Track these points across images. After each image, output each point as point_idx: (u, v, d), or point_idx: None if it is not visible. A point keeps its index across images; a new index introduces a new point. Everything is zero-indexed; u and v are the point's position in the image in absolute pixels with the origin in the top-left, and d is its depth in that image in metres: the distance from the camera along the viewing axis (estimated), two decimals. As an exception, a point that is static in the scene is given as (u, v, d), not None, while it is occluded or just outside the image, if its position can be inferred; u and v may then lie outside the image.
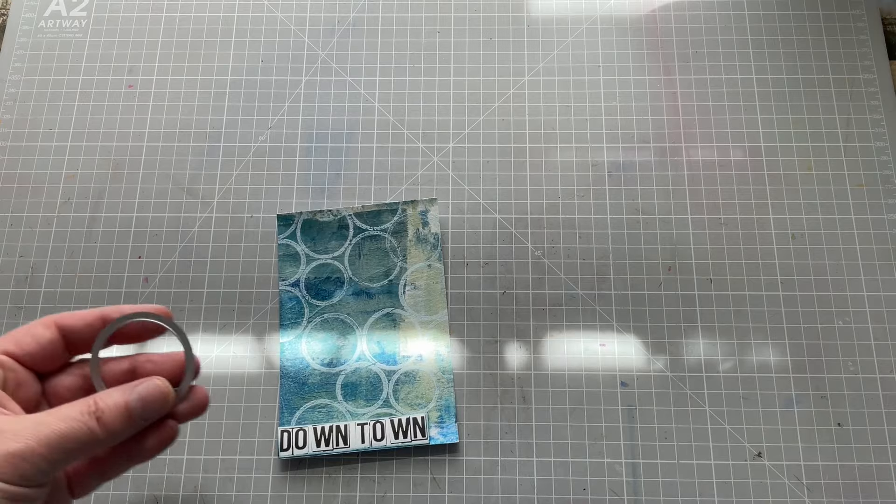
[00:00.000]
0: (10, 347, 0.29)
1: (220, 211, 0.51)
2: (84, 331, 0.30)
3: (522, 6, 0.56)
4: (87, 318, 0.30)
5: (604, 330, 0.48)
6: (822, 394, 0.46)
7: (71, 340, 0.30)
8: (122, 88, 0.54)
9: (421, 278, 0.48)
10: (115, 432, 0.27)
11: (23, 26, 0.56)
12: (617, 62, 0.54)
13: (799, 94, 0.53)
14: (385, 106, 0.53)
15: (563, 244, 0.50)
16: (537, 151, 0.52)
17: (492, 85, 0.54)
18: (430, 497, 0.44)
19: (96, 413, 0.27)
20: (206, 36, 0.55)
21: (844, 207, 0.50)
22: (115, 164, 0.52)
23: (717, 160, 0.51)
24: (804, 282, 0.48)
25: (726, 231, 0.50)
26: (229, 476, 0.45)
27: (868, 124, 0.52)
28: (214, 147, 0.52)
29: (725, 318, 0.48)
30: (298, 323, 0.47)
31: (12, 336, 0.29)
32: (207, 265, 0.49)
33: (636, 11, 0.55)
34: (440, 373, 0.46)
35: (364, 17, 0.56)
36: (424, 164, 0.52)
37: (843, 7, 0.55)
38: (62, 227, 0.50)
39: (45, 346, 0.29)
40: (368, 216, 0.49)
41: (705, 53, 0.54)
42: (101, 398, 0.27)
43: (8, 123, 0.53)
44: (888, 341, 0.47)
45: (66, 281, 0.49)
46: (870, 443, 0.45)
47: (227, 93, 0.54)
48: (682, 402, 0.46)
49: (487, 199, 0.51)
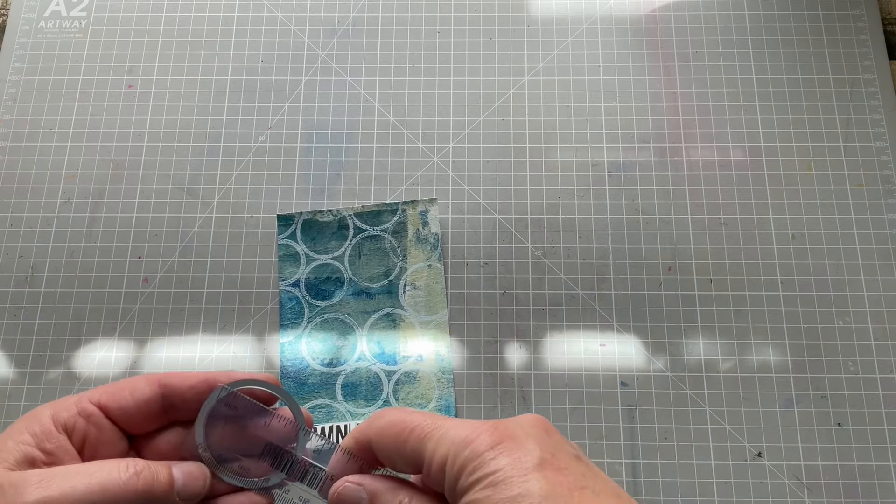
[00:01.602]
0: (105, 400, 0.26)
1: (220, 211, 0.51)
2: (186, 394, 0.27)
3: (522, 6, 0.56)
4: (191, 380, 0.28)
5: (604, 330, 0.48)
6: (822, 394, 0.46)
7: (172, 402, 0.28)
8: (122, 88, 0.54)
9: (421, 278, 0.48)
10: (153, 493, 0.25)
11: (23, 26, 0.56)
12: (617, 62, 0.54)
13: (799, 94, 0.53)
14: (385, 106, 0.53)
15: (563, 244, 0.50)
16: (537, 151, 0.52)
17: (492, 85, 0.54)
18: (430, 497, 0.44)
19: (136, 468, 0.25)
20: (206, 36, 0.55)
21: (844, 207, 0.50)
22: (115, 164, 0.52)
23: (717, 160, 0.51)
24: (804, 282, 0.48)
25: (726, 231, 0.50)
26: (229, 476, 0.45)
27: (868, 124, 0.52)
28: (214, 147, 0.52)
29: (725, 318, 0.48)
30: (298, 323, 0.47)
31: (111, 388, 0.27)
32: (207, 265, 0.49)
33: (636, 11, 0.55)
34: (440, 373, 0.46)
35: (364, 17, 0.56)
36: (424, 164, 0.52)
37: (843, 7, 0.55)
38: (62, 227, 0.50)
39: (141, 404, 0.27)
40: (368, 216, 0.49)
41: (705, 53, 0.54)
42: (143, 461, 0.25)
43: (8, 123, 0.53)
44: (888, 341, 0.47)
45: (66, 281, 0.49)
46: (870, 443, 0.45)
47: (227, 93, 0.54)
48: (682, 402, 0.46)
49: (487, 199, 0.51)
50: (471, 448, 0.23)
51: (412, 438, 0.25)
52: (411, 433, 0.25)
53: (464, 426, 0.24)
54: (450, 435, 0.24)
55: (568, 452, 0.24)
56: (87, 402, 0.26)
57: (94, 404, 0.26)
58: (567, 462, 0.23)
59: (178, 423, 0.29)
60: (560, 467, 0.23)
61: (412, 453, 0.25)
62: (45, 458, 0.25)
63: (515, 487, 0.22)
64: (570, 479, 0.23)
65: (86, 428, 0.26)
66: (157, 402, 0.27)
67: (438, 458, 0.24)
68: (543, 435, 0.24)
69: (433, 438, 0.24)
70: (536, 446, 0.23)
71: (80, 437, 0.26)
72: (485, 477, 0.22)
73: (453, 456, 0.23)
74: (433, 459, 0.24)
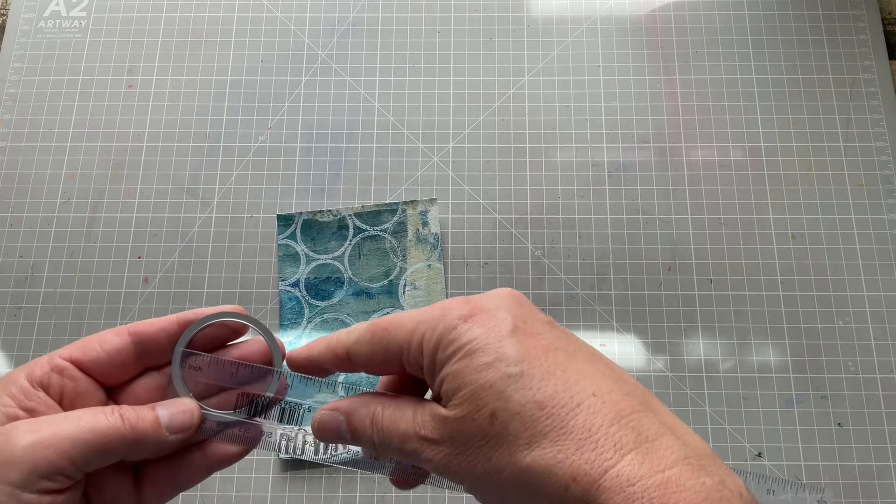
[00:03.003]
0: (76, 354, 0.27)
1: (220, 211, 0.51)
2: (159, 337, 0.28)
3: (522, 6, 0.56)
4: (162, 323, 0.28)
5: (604, 330, 0.48)
6: (822, 394, 0.46)
7: (145, 349, 0.28)
8: (122, 88, 0.54)
9: (421, 278, 0.48)
10: (140, 431, 0.25)
11: (23, 26, 0.56)
12: (617, 62, 0.54)
13: (799, 94, 0.53)
14: (385, 106, 0.53)
15: (563, 244, 0.50)
16: (537, 151, 0.52)
17: (492, 85, 0.54)
18: (431, 497, 0.44)
19: (121, 411, 0.25)
20: (206, 36, 0.55)
21: (844, 207, 0.50)
22: (115, 164, 0.52)
23: (717, 160, 0.51)
24: (804, 282, 0.48)
25: (726, 231, 0.50)
26: (229, 476, 0.45)
27: (868, 124, 0.52)
28: (214, 147, 0.52)
29: (725, 318, 0.48)
30: (298, 323, 0.47)
31: (80, 343, 0.27)
32: (207, 265, 0.49)
33: (636, 11, 0.55)
34: (440, 373, 0.46)
35: (364, 17, 0.56)
36: (424, 164, 0.52)
37: (843, 7, 0.55)
38: (62, 227, 0.50)
39: (112, 354, 0.27)
40: (368, 216, 0.49)
41: (705, 53, 0.54)
42: (127, 405, 0.26)
43: (8, 123, 0.53)
44: (888, 341, 0.47)
45: (66, 281, 0.49)
46: (870, 443, 0.45)
47: (227, 93, 0.54)
48: (682, 402, 0.46)
49: (487, 199, 0.51)
50: (444, 322, 0.24)
51: (387, 334, 0.25)
52: (385, 330, 0.25)
53: (435, 306, 0.25)
54: (422, 316, 0.25)
55: (540, 319, 0.25)
56: (58, 358, 0.27)
57: (65, 359, 0.27)
58: (540, 328, 0.24)
59: (152, 369, 0.29)
60: (533, 333, 0.24)
61: (389, 345, 0.25)
62: (29, 416, 0.25)
63: (491, 353, 0.23)
64: (544, 342, 0.24)
65: (61, 382, 0.26)
66: (128, 352, 0.28)
67: (416, 338, 0.24)
68: (515, 305, 0.25)
69: (407, 324, 0.25)
70: (508, 315, 0.24)
71: (58, 391, 0.26)
72: (461, 348, 0.23)
73: (430, 332, 0.24)
74: (411, 342, 0.25)
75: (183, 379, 0.28)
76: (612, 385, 0.23)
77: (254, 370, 0.29)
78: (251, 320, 0.29)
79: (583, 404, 0.22)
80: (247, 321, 0.29)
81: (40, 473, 0.23)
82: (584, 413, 0.22)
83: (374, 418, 0.26)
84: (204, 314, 0.28)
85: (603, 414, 0.22)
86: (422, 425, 0.24)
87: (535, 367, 0.23)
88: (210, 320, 0.28)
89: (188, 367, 0.28)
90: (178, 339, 0.28)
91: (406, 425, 0.24)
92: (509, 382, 0.22)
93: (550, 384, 0.22)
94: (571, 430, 0.21)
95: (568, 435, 0.21)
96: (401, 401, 0.26)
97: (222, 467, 0.28)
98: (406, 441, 0.24)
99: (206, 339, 0.29)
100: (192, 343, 0.28)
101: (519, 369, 0.22)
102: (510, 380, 0.22)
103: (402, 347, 0.25)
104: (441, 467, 0.23)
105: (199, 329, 0.28)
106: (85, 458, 0.24)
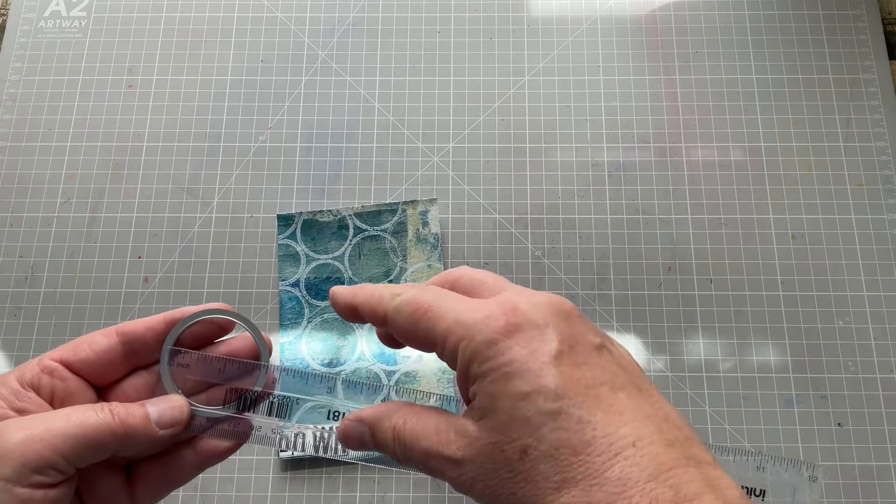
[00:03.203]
0: (66, 355, 0.27)
1: (220, 211, 0.51)
2: (146, 336, 0.28)
3: (522, 6, 0.56)
4: (149, 323, 0.28)
5: (604, 330, 0.48)
6: (822, 394, 0.46)
7: (133, 348, 0.28)
8: (122, 88, 0.54)
9: (421, 278, 0.48)
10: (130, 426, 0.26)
11: (23, 26, 0.56)
12: (617, 62, 0.54)
13: (799, 94, 0.53)
14: (385, 106, 0.53)
15: (563, 244, 0.50)
16: (537, 151, 0.52)
17: (492, 85, 0.54)
18: (431, 497, 0.44)
19: (111, 407, 0.26)
20: (206, 36, 0.55)
21: (844, 207, 0.50)
22: (115, 164, 0.52)
23: (717, 160, 0.51)
24: (804, 282, 0.48)
25: (726, 231, 0.50)
26: (229, 476, 0.45)
27: (868, 124, 0.52)
28: (214, 147, 0.52)
29: (725, 318, 0.48)
30: (298, 323, 0.47)
31: (70, 344, 0.28)
32: (207, 265, 0.49)
33: (636, 11, 0.56)
34: (440, 372, 0.46)
35: (364, 17, 0.56)
36: (424, 164, 0.52)
37: (843, 7, 0.55)
38: (62, 227, 0.50)
39: (101, 354, 0.27)
40: (368, 216, 0.49)
41: (705, 53, 0.54)
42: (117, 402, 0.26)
43: (8, 123, 0.53)
44: (888, 341, 0.47)
45: (66, 281, 0.49)
46: (870, 443, 0.45)
47: (227, 93, 0.54)
48: (683, 402, 0.46)
49: (487, 199, 0.51)
50: (484, 333, 0.22)
51: (426, 319, 0.24)
52: (425, 314, 0.24)
53: (480, 304, 0.23)
54: (463, 315, 0.23)
55: (589, 343, 0.23)
56: (48, 359, 0.27)
57: (55, 361, 0.27)
58: (586, 356, 0.22)
59: (141, 368, 0.29)
60: (578, 362, 0.22)
61: (425, 333, 0.24)
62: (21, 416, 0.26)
63: (531, 383, 0.21)
64: (588, 375, 0.22)
65: (52, 383, 0.27)
66: (117, 351, 0.28)
67: (452, 340, 0.23)
68: (563, 322, 0.23)
69: (446, 317, 0.23)
70: (555, 336, 0.22)
71: (48, 392, 0.27)
72: (498, 367, 0.22)
73: (467, 340, 0.23)
74: (446, 342, 0.23)
75: (171, 376, 0.28)
76: (654, 433, 0.21)
77: (241, 366, 0.29)
78: (237, 316, 0.29)
79: (621, 454, 0.21)
80: (233, 317, 0.29)
81: (32, 468, 0.23)
82: (621, 464, 0.21)
83: (395, 432, 0.25)
84: (190, 312, 0.29)
85: (641, 468, 0.20)
86: (446, 444, 0.23)
87: (575, 405, 0.21)
88: (196, 318, 0.29)
89: (176, 365, 0.29)
90: (166, 337, 0.28)
91: (428, 443, 0.24)
92: (546, 420, 0.21)
93: (589, 428, 0.21)
94: (606, 481, 0.20)
95: (601, 487, 0.20)
96: (425, 414, 0.25)
97: (213, 463, 0.28)
98: (428, 458, 0.24)
99: (193, 337, 0.29)
100: (180, 341, 0.29)
101: (557, 406, 0.21)
102: (547, 417, 0.21)
103: (438, 341, 0.24)
104: (463, 489, 0.23)
105: (186, 327, 0.29)
106: (76, 452, 0.24)
